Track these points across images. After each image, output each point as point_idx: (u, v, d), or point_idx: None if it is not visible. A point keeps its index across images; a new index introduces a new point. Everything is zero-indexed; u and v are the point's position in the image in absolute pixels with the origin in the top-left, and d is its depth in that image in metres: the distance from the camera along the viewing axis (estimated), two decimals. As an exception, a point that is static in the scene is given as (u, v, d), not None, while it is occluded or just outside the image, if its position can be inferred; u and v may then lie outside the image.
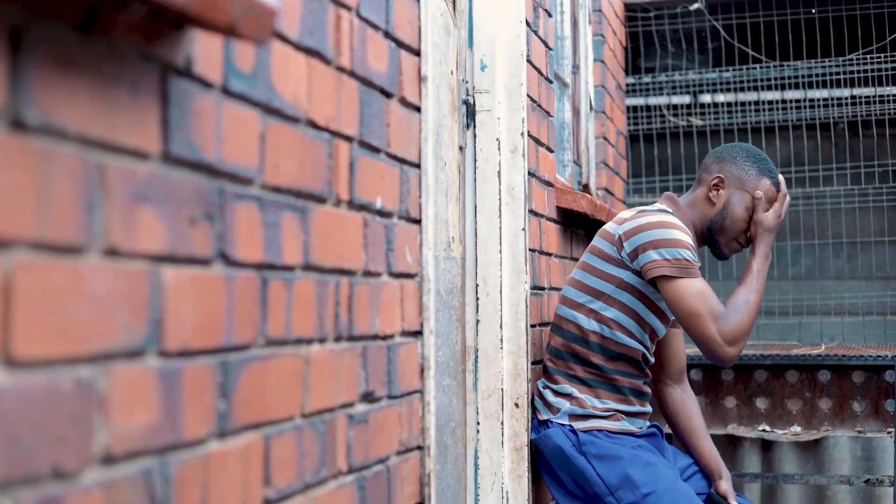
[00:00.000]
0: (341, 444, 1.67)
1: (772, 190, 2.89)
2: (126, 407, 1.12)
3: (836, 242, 5.66)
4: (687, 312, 2.70)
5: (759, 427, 4.14)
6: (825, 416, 4.04)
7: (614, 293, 2.83)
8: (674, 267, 2.71)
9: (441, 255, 2.61)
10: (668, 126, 5.42)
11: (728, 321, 2.70)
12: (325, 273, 1.62)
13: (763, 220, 2.86)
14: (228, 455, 1.33)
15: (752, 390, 4.06)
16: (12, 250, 0.97)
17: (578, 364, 2.87)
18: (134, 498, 1.13)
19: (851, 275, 5.92)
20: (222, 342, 1.32)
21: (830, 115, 5.32)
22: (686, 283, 2.70)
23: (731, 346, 2.71)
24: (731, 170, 2.91)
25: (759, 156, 2.94)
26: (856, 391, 3.98)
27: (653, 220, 2.78)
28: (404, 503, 1.94)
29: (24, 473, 0.97)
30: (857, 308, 5.37)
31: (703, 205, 2.92)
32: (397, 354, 1.91)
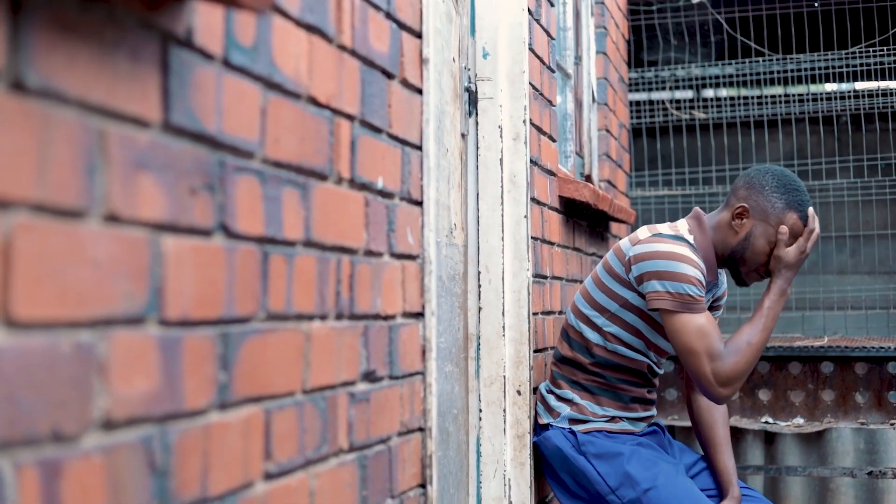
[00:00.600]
0: (342, 421, 1.67)
1: (798, 224, 2.72)
2: (126, 373, 1.12)
3: (839, 237, 5.66)
4: (684, 348, 2.66)
5: (761, 419, 4.14)
6: (828, 407, 4.04)
7: (618, 311, 2.82)
8: (676, 301, 2.66)
9: (443, 241, 2.61)
10: (670, 119, 5.42)
11: (725, 362, 2.64)
12: (326, 250, 1.62)
13: (783, 256, 2.71)
14: (229, 427, 1.33)
15: (755, 382, 4.06)
16: (12, 211, 0.97)
17: (581, 371, 2.88)
18: (134, 465, 1.13)
19: (854, 269, 5.92)
20: (223, 313, 1.32)
21: (833, 108, 5.31)
22: (686, 319, 2.65)
23: (723, 388, 2.66)
24: (756, 199, 2.76)
25: (789, 186, 2.76)
26: (859, 383, 3.98)
27: (663, 248, 2.70)
28: (406, 484, 1.94)
29: (23, 435, 0.97)
30: (860, 302, 5.37)
31: (726, 230, 2.79)
32: (399, 335, 1.91)
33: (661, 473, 2.76)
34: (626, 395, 2.88)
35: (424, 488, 2.02)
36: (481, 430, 2.81)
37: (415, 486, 1.98)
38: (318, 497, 1.58)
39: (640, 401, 2.91)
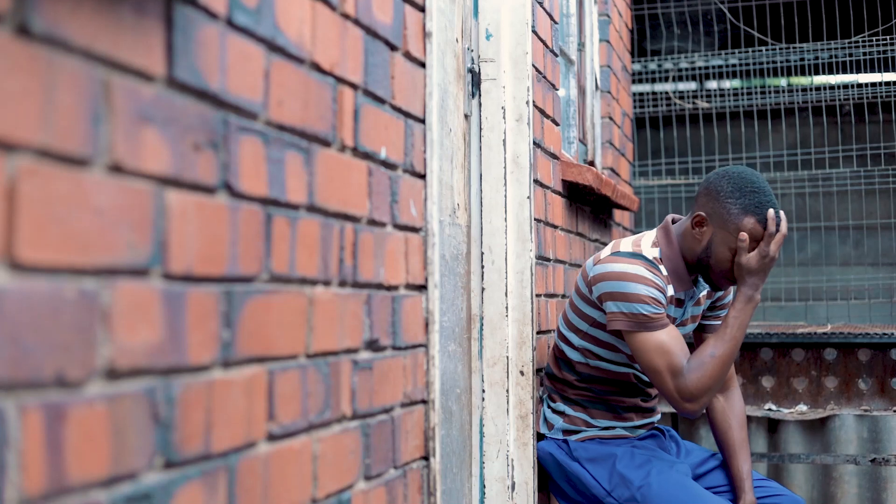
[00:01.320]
0: (345, 388, 1.67)
1: (757, 228, 2.63)
2: (130, 323, 1.12)
3: (842, 228, 5.66)
4: (646, 367, 2.65)
5: (765, 406, 4.14)
6: (831, 394, 4.04)
7: (588, 330, 2.83)
8: (631, 321, 2.64)
9: (446, 220, 2.61)
10: (674, 109, 5.41)
11: (687, 378, 2.60)
12: (329, 216, 1.63)
13: (744, 263, 2.63)
14: (232, 384, 1.33)
15: (758, 369, 4.06)
16: (17, 154, 0.97)
17: (571, 388, 2.90)
18: (138, 415, 1.14)
19: (858, 260, 5.91)
20: (226, 271, 1.32)
21: (837, 96, 5.31)
22: (645, 338, 2.62)
23: (689, 403, 2.62)
24: (713, 206, 2.68)
25: (745, 188, 2.66)
26: (862, 369, 3.98)
27: (616, 269, 2.67)
28: (409, 455, 1.94)
29: (27, 377, 0.97)
30: (863, 292, 5.36)
31: (690, 238, 2.73)
32: (402, 306, 1.92)
33: (654, 470, 2.75)
34: (619, 405, 2.88)
35: (427, 461, 2.02)
36: (484, 410, 2.81)
37: (418, 458, 1.99)
38: (321, 462, 1.58)
39: (634, 410, 2.91)
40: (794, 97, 5.43)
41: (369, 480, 1.76)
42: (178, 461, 1.21)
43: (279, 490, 1.45)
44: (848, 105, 5.45)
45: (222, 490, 1.30)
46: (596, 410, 2.87)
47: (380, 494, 1.80)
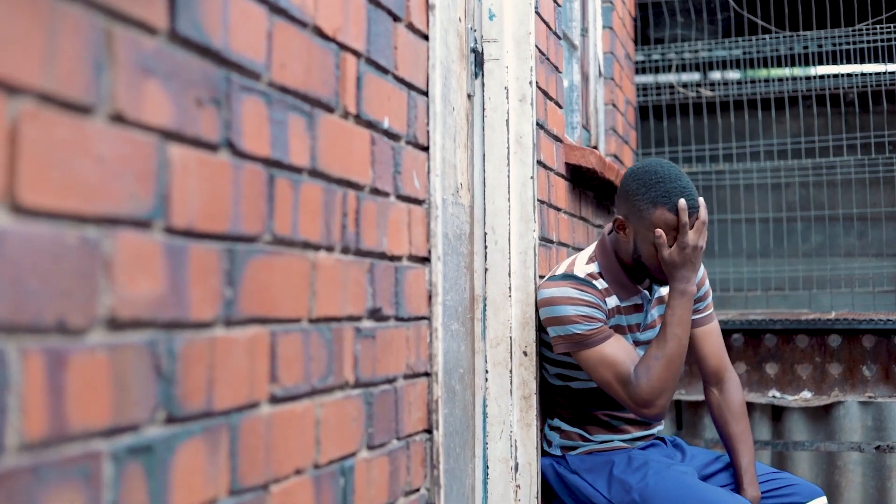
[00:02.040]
0: (348, 355, 1.67)
1: (670, 218, 2.60)
2: (131, 274, 1.12)
3: (846, 218, 5.65)
4: (598, 381, 2.69)
5: (769, 393, 4.13)
6: (835, 381, 4.03)
7: (553, 355, 2.84)
8: (568, 343, 2.68)
9: (449, 199, 2.61)
10: (677, 97, 5.41)
11: (637, 383, 2.60)
12: (331, 182, 1.62)
13: (667, 258, 2.61)
14: (235, 343, 1.33)
15: (762, 356, 4.06)
16: (19, 97, 0.97)
17: (564, 408, 2.90)
18: (139, 367, 1.13)
19: (862, 251, 5.90)
20: (228, 229, 1.32)
21: (840, 84, 5.30)
22: (587, 355, 2.66)
23: (645, 408, 2.62)
24: (627, 206, 2.67)
25: (650, 181, 2.63)
26: (866, 356, 3.97)
27: (546, 294, 2.71)
28: (412, 427, 1.94)
29: (28, 321, 0.97)
30: (867, 279, 5.35)
31: (622, 245, 2.73)
32: (405, 277, 1.91)
33: (650, 471, 2.74)
34: (612, 419, 2.87)
35: (430, 434, 2.02)
36: (487, 391, 2.81)
37: (421, 430, 1.98)
38: (324, 427, 1.58)
39: (629, 422, 2.89)
40: (798, 85, 5.42)
41: (372, 450, 1.76)
42: (180, 416, 1.21)
43: (282, 453, 1.45)
44: (852, 94, 5.44)
45: (224, 449, 1.30)
46: (591, 426, 2.86)
47: (382, 464, 1.79)
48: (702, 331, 2.95)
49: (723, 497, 2.61)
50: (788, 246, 5.71)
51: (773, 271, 5.42)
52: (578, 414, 2.88)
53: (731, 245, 5.62)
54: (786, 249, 5.66)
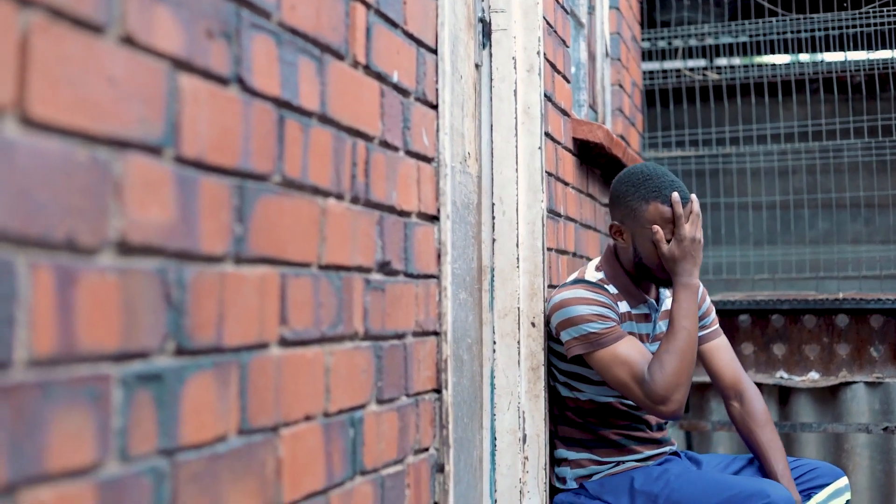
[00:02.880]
0: (358, 306, 1.65)
1: (665, 211, 2.64)
2: (142, 199, 1.11)
3: (853, 205, 5.63)
4: (612, 382, 2.64)
5: (776, 374, 4.11)
6: (843, 361, 4.01)
7: (567, 367, 2.82)
8: (582, 343, 2.65)
9: (457, 167, 2.59)
10: (683, 81, 5.39)
11: (653, 380, 2.57)
12: (341, 130, 1.61)
13: (667, 254, 2.64)
14: (245, 280, 1.32)
15: (770, 336, 4.04)
16: (30, 9, 0.95)
17: (572, 427, 2.86)
18: (149, 294, 1.12)
19: (869, 237, 5.88)
20: (238, 164, 1.30)
21: (847, 67, 5.28)
22: (601, 355, 2.63)
23: (662, 405, 2.59)
24: (620, 210, 2.71)
25: (638, 180, 2.68)
26: (874, 336, 3.95)
27: (557, 300, 2.71)
28: (421, 385, 1.92)
29: (38, 235, 0.96)
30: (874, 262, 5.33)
31: (622, 252, 2.76)
32: (414, 233, 1.90)
33: (672, 476, 2.73)
34: (623, 439, 2.83)
35: (440, 394, 2.00)
36: (495, 362, 2.79)
37: (430, 389, 1.97)
38: (334, 375, 1.56)
39: (640, 441, 2.85)
40: (805, 69, 5.40)
41: (382, 404, 1.74)
42: (190, 349, 1.19)
43: (291, 397, 1.43)
44: (859, 76, 5.41)
45: (234, 386, 1.29)
46: (601, 450, 2.83)
47: (392, 419, 1.78)
48: (711, 346, 2.93)
49: (755, 482, 2.60)
50: (795, 232, 5.69)
51: (779, 256, 5.40)
52: (589, 437, 2.83)
53: (737, 231, 5.60)
54: (793, 236, 5.64)
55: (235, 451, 1.29)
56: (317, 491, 1.50)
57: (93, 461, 1.03)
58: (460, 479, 2.54)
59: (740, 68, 5.61)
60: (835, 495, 2.81)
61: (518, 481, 2.76)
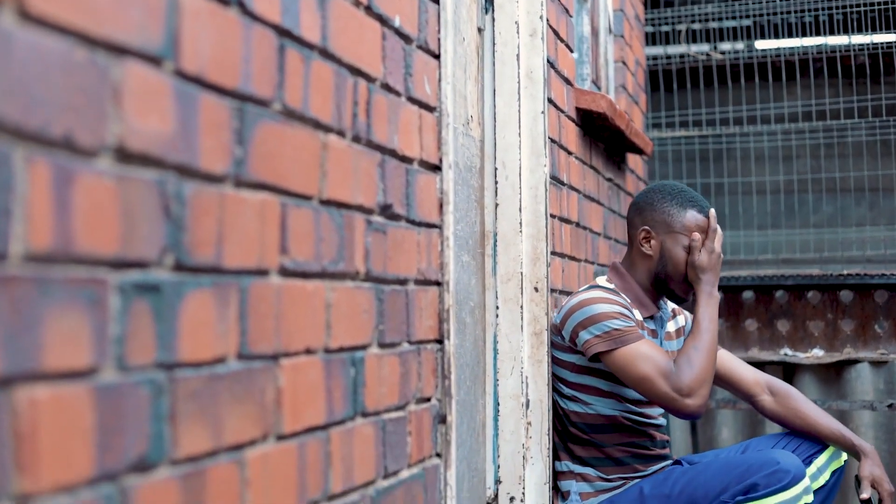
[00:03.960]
0: (359, 245, 1.64)
1: (702, 220, 2.79)
2: (141, 107, 1.10)
3: (857, 189, 5.61)
4: (635, 378, 2.63)
5: (780, 351, 4.10)
6: (847, 338, 4.00)
7: (575, 378, 2.81)
8: (605, 341, 2.64)
9: (460, 129, 2.58)
10: (687, 61, 5.37)
11: (680, 374, 2.60)
12: (342, 66, 1.60)
13: (698, 262, 2.75)
14: (245, 204, 1.31)
15: (774, 312, 4.02)
16: None
17: (576, 444, 2.85)
18: (148, 203, 1.11)
19: (873, 221, 5.86)
20: (238, 86, 1.29)
21: (851, 49, 5.26)
22: (625, 351, 2.63)
23: (689, 398, 2.60)
24: (652, 216, 2.81)
25: (673, 191, 2.83)
26: (878, 312, 3.93)
27: (575, 302, 2.73)
28: (423, 334, 1.91)
29: (35, 129, 0.95)
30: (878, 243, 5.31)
31: (641, 261, 2.83)
32: (416, 180, 1.89)
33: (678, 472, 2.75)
34: (630, 458, 2.82)
35: (442, 344, 1.99)
36: (498, 327, 2.78)
37: (432, 340, 1.96)
38: (335, 311, 1.55)
39: (647, 459, 2.85)
40: (809, 51, 5.38)
41: (383, 348, 1.73)
42: (189, 265, 1.18)
43: (292, 327, 1.42)
44: (862, 55, 5.39)
45: (234, 309, 1.28)
46: (606, 468, 2.82)
47: (393, 364, 1.77)
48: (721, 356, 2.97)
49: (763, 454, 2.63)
50: (800, 216, 5.68)
51: (783, 239, 5.38)
52: (594, 455, 2.82)
53: (741, 215, 5.59)
54: (797, 220, 5.62)
55: (235, 375, 1.28)
56: (317, 426, 1.49)
57: (89, 365, 1.02)
58: (463, 442, 2.53)
59: (744, 52, 5.60)
60: (833, 456, 2.83)
61: (521, 447, 2.75)
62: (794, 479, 2.52)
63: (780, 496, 2.52)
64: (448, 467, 1.96)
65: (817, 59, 5.46)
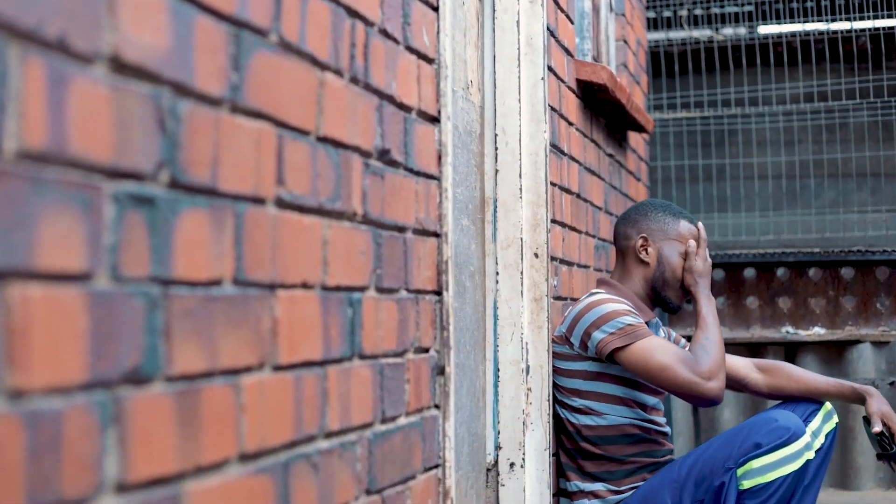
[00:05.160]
0: (356, 186, 1.64)
1: (693, 229, 2.95)
2: (135, 19, 1.10)
3: (859, 174, 5.60)
4: (654, 369, 2.67)
5: (782, 328, 4.10)
6: (849, 315, 4.00)
7: (588, 386, 2.83)
8: (620, 337, 2.70)
9: (459, 93, 2.58)
10: (689, 43, 5.37)
11: (699, 360, 2.67)
12: (339, 6, 1.60)
13: (695, 266, 2.89)
14: (241, 129, 1.31)
15: (775, 289, 4.02)
16: None
17: (587, 459, 2.86)
18: (143, 116, 1.11)
19: (875, 205, 5.85)
20: (235, 12, 1.29)
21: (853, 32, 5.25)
22: (641, 345, 2.69)
23: (710, 381, 2.66)
24: (648, 226, 2.95)
25: (664, 203, 3.03)
26: (879, 289, 3.93)
27: (583, 305, 2.81)
28: (422, 284, 1.91)
29: (29, 27, 0.95)
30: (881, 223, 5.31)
31: (637, 270, 2.95)
32: (414, 129, 1.89)
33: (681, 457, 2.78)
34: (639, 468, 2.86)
35: (440, 296, 1.99)
36: (498, 293, 2.78)
37: (430, 291, 1.96)
38: (331, 249, 1.55)
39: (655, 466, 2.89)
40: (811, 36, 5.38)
41: (381, 293, 1.73)
42: (184, 183, 1.18)
43: (288, 258, 1.42)
44: (864, 36, 5.38)
45: (229, 233, 1.28)
46: (619, 480, 2.84)
47: (391, 309, 1.77)
48: None
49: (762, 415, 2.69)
50: (801, 202, 5.68)
51: (785, 221, 5.38)
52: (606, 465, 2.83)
53: (743, 201, 5.59)
54: (799, 205, 5.62)
55: (230, 299, 1.28)
56: (314, 361, 1.49)
57: (83, 270, 1.01)
58: (463, 405, 2.53)
59: (745, 36, 5.60)
60: (827, 416, 2.86)
61: (521, 412, 2.75)
62: (795, 434, 2.57)
63: (783, 451, 2.56)
64: (447, 419, 1.96)
65: (818, 41, 5.45)
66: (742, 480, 2.62)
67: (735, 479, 2.61)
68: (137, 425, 1.09)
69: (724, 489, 2.62)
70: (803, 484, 2.63)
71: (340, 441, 1.57)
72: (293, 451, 1.42)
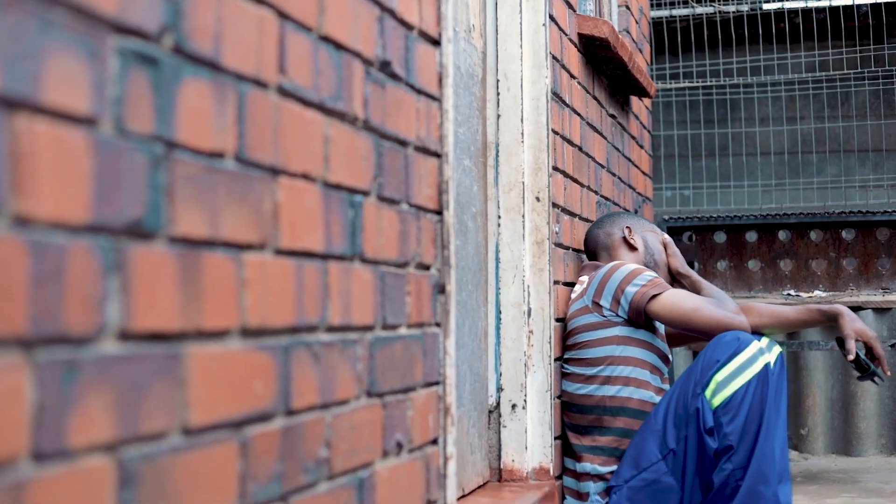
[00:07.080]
0: (357, 91, 1.66)
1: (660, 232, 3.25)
2: None
3: (861, 150, 5.62)
4: (689, 310, 2.81)
5: (784, 291, 4.11)
6: (850, 276, 4.01)
7: (620, 351, 2.87)
8: (653, 286, 2.84)
9: (461, 35, 2.60)
10: (691, 17, 5.39)
11: (723, 301, 2.86)
12: (341, -89, 1.62)
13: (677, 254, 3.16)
14: (242, 10, 1.33)
15: (776, 252, 4.04)
16: None
17: (603, 434, 2.89)
18: None
19: (878, 182, 5.87)
20: None
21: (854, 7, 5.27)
22: (670, 294, 2.83)
23: (741, 316, 2.82)
24: (625, 221, 3.18)
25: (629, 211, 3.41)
26: (881, 250, 3.95)
27: (605, 269, 2.92)
28: (423, 201, 1.93)
29: None
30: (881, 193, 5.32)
31: (628, 256, 3.11)
32: (415, 47, 1.91)
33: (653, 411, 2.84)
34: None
35: (441, 216, 2.01)
36: (500, 236, 2.80)
37: (431, 209, 1.98)
38: (333, 147, 1.57)
39: None
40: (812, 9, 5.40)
41: (382, 201, 1.75)
42: (188, 52, 1.21)
43: (290, 146, 1.44)
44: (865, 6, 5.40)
45: (231, 110, 1.30)
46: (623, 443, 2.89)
47: (392, 219, 1.79)
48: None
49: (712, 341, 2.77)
50: (804, 177, 5.69)
51: (787, 196, 5.40)
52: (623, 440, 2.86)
53: (746, 178, 5.61)
54: (801, 181, 5.64)
55: (232, 175, 1.30)
56: (316, 253, 1.51)
57: (87, 114, 1.04)
58: (465, 344, 2.55)
59: (748, 12, 5.62)
60: (771, 343, 2.79)
61: (523, 354, 2.77)
62: (745, 341, 2.69)
63: (739, 358, 2.68)
64: (447, 336, 1.98)
65: (820, 13, 5.47)
66: (711, 399, 2.67)
67: (705, 401, 2.67)
68: (140, 278, 1.11)
69: (700, 414, 2.66)
70: (769, 395, 2.64)
71: (341, 337, 1.59)
72: (295, 338, 1.44)
